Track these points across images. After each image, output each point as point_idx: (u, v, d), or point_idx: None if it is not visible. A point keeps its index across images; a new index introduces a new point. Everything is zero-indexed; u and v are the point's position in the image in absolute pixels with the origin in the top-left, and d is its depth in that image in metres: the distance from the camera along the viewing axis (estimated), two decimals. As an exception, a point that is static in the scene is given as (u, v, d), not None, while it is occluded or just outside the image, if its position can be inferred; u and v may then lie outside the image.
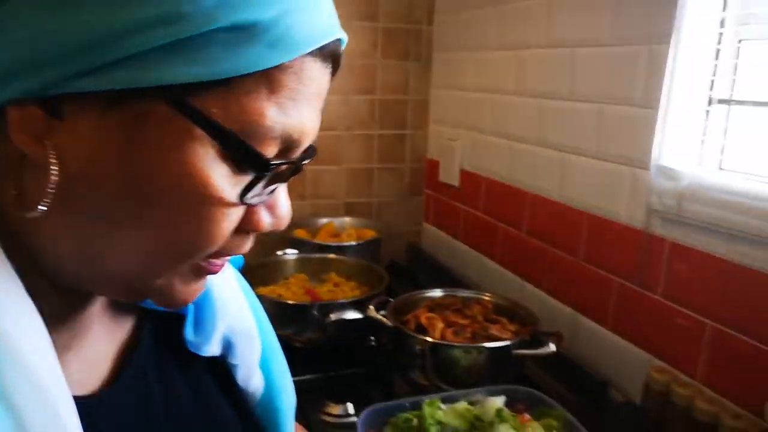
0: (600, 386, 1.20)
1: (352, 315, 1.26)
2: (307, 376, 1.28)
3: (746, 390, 0.95)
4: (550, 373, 1.30)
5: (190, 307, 0.51)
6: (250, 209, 0.41)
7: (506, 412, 0.97)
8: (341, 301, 1.34)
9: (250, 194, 0.38)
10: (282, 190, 0.43)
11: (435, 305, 1.30)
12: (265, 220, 0.42)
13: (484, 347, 1.12)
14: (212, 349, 0.53)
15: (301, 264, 1.60)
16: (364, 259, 1.62)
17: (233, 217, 0.39)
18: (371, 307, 1.26)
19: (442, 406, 0.98)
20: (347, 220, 1.95)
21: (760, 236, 0.91)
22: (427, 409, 0.94)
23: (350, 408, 1.15)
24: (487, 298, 1.33)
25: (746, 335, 0.95)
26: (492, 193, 1.67)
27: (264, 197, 0.41)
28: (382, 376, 1.28)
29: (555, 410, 0.97)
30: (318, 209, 1.97)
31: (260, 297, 1.35)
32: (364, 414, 0.94)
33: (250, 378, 0.58)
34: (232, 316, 0.54)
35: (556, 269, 1.40)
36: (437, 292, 1.36)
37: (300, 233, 1.77)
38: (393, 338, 1.23)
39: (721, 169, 1.06)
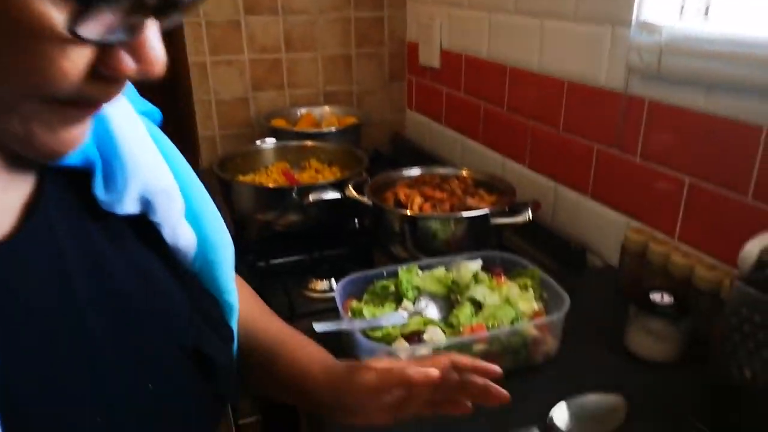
0: (579, 253, 1.21)
1: (331, 195, 1.25)
2: (292, 258, 1.30)
3: (721, 243, 0.96)
4: (530, 243, 1.32)
5: (97, 164, 0.48)
6: (107, 50, 0.36)
7: (482, 274, 0.98)
8: (320, 183, 1.33)
9: (86, 26, 0.33)
10: (151, 30, 0.38)
11: (413, 182, 1.29)
12: (126, 63, 0.37)
13: (461, 217, 1.11)
14: (127, 207, 0.50)
15: (281, 152, 1.57)
16: (344, 144, 1.59)
17: (75, 56, 0.35)
18: (350, 186, 1.25)
19: (420, 272, 0.99)
20: (327, 109, 1.90)
21: (743, 84, 0.88)
22: (403, 275, 0.95)
23: (333, 283, 1.16)
24: (465, 173, 1.32)
25: (724, 187, 0.94)
26: (473, 71, 1.61)
27: (119, 35, 0.36)
28: (365, 255, 1.30)
29: (530, 270, 0.99)
30: (296, 100, 1.91)
31: (239, 184, 1.35)
32: (342, 282, 0.95)
33: (178, 235, 0.55)
34: (147, 174, 0.51)
35: (537, 143, 1.38)
36: (415, 170, 1.34)
37: (278, 123, 1.73)
38: (372, 216, 1.23)
39: (705, 16, 1.01)
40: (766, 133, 0.86)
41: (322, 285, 1.17)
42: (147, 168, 0.51)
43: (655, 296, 0.90)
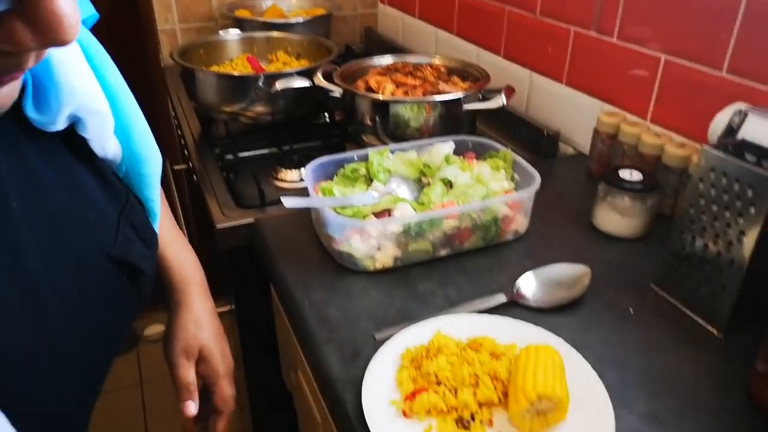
0: (552, 140, 1.20)
1: (300, 83, 1.20)
2: (262, 151, 1.27)
3: (693, 121, 0.95)
4: (504, 132, 1.30)
5: (28, 84, 0.46)
6: None
7: (454, 157, 0.97)
8: (288, 70, 1.28)
9: None
10: None
11: (385, 71, 1.24)
12: (21, 35, 0.31)
13: (434, 101, 1.09)
14: (59, 126, 0.50)
15: (246, 44, 1.49)
16: (313, 36, 1.51)
17: None
18: (319, 74, 1.20)
19: (391, 155, 0.97)
20: (294, 1, 1.80)
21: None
22: (374, 156, 0.94)
23: (304, 173, 1.14)
24: (438, 61, 1.28)
25: (699, 62, 0.92)
26: (448, -44, 1.52)
27: (2, 4, 0.30)
28: (337, 148, 1.27)
29: (502, 152, 0.98)
30: (261, -9, 1.81)
31: (202, 72, 1.29)
32: (311, 165, 0.93)
33: (106, 148, 0.56)
34: (81, 98, 0.50)
35: (512, 31, 1.33)
36: (387, 59, 1.30)
37: (242, 13, 1.63)
38: (343, 105, 1.19)
39: None
40: (745, 1, 0.84)
41: (291, 175, 1.15)
42: (81, 91, 0.50)
43: (624, 173, 0.90)
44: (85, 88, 0.51)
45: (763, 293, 0.68)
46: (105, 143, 0.56)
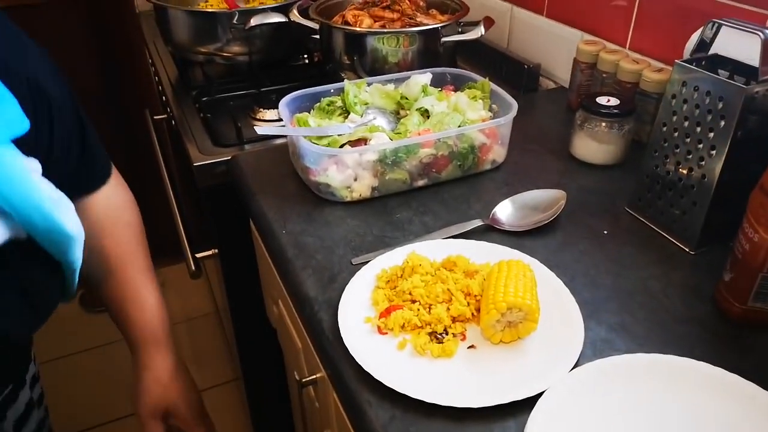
0: (533, 74, 1.19)
1: (275, 19, 1.17)
2: (239, 93, 1.25)
3: (671, 45, 0.94)
4: (484, 66, 1.28)
5: None
6: None
7: (432, 89, 0.96)
8: (262, 6, 1.25)
9: None
10: None
11: (362, 5, 1.22)
12: None
13: (412, 32, 1.07)
14: None
15: (220, -16, 1.45)
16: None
17: None
18: (294, 10, 1.18)
19: (368, 88, 0.96)
20: (271, -59, 1.74)
21: None
22: (350, 87, 0.93)
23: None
24: (418, -6, 1.25)
25: (676, -15, 0.91)
26: None
27: None
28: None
29: (480, 82, 0.97)
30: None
31: (175, 11, 1.26)
32: (286, 98, 0.92)
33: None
34: None
35: (493, -37, 1.30)
36: (365, -6, 1.27)
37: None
38: (320, 43, 1.17)
39: None
40: None
41: (270, 114, 1.14)
42: None
43: (601, 100, 0.89)
44: None
45: (733, 210, 0.69)
46: None
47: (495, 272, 0.63)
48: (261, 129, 0.82)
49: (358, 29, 1.10)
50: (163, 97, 1.38)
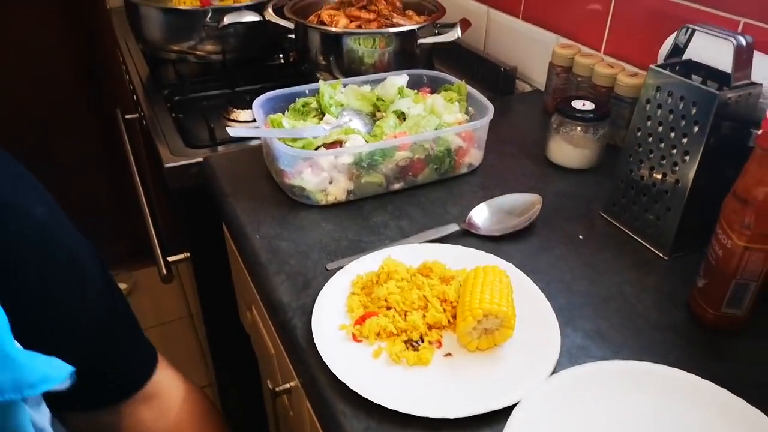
0: (508, 77, 1.19)
1: (249, 18, 1.15)
2: (212, 93, 1.22)
3: (645, 49, 0.95)
4: (461, 69, 1.28)
5: None
6: None
7: (408, 91, 0.95)
8: (236, 4, 1.22)
9: None
10: None
11: (338, 5, 1.20)
12: None
13: (388, 32, 1.06)
14: None
15: (193, -19, 1.42)
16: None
17: None
18: (269, 9, 1.16)
19: (343, 89, 0.95)
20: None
21: None
22: (325, 88, 0.91)
23: (255, 113, 1.11)
24: (394, -5, 1.24)
25: (650, -10, 0.92)
26: None
27: None
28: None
29: (456, 84, 0.96)
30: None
31: (146, 8, 1.23)
32: (260, 99, 0.90)
33: None
34: None
35: (470, -35, 1.30)
36: (342, -7, 1.25)
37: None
38: (295, 43, 1.16)
39: None
40: (697, -76, 0.83)
41: (244, 115, 1.12)
42: None
43: (577, 104, 0.90)
44: None
45: (706, 213, 0.69)
46: None
47: (471, 278, 0.62)
48: (234, 131, 0.80)
49: (333, 29, 1.08)
50: (135, 96, 1.34)
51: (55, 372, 0.44)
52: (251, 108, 1.11)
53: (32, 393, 0.43)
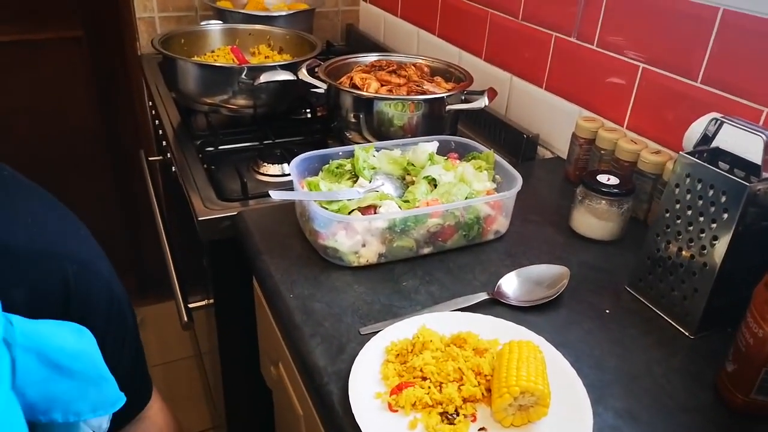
0: (531, 143, 1.23)
1: (284, 77, 1.20)
2: (243, 144, 1.26)
3: (668, 129, 0.99)
4: (484, 134, 1.32)
5: None
6: None
7: (438, 157, 0.98)
8: (272, 63, 1.27)
9: None
10: None
11: (369, 68, 1.25)
12: None
13: (418, 99, 1.10)
14: None
15: (228, 35, 1.48)
16: (296, 31, 1.51)
17: None
18: (303, 69, 1.20)
19: (375, 153, 0.98)
20: (277, -6, 1.79)
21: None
22: (360, 153, 0.94)
23: (286, 168, 1.15)
24: (422, 60, 1.29)
25: (675, 72, 0.96)
26: (432, -43, 1.54)
27: None
28: (319, 143, 1.27)
29: (485, 153, 1.00)
30: (243, -17, 1.79)
31: (184, 62, 1.27)
32: (296, 160, 0.94)
33: None
34: None
35: (495, 34, 1.36)
36: (371, 57, 1.30)
37: (223, 4, 1.62)
38: (326, 101, 1.20)
39: None
40: (721, 12, 0.87)
41: (273, 169, 1.15)
42: None
43: (602, 178, 0.93)
44: None
45: (733, 296, 0.71)
46: None
47: (506, 353, 0.64)
48: (275, 194, 0.82)
49: (366, 93, 1.12)
50: (163, 142, 1.38)
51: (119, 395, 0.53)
52: (280, 163, 1.16)
53: (113, 410, 0.53)
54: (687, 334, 0.75)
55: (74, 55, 1.93)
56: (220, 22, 1.51)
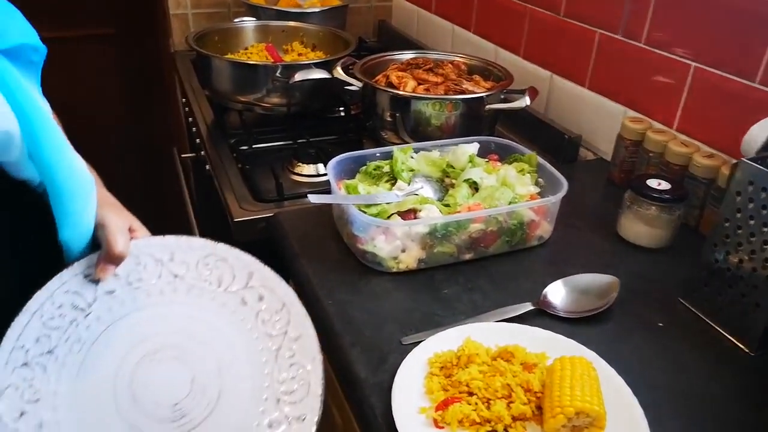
0: (572, 144, 1.19)
1: (319, 75, 1.18)
2: (276, 144, 1.25)
3: (722, 132, 0.94)
4: (522, 134, 1.29)
5: None
6: None
7: (478, 159, 0.95)
8: (307, 61, 1.25)
9: None
10: None
11: (405, 66, 1.22)
12: None
13: (457, 99, 1.07)
14: None
15: (261, 32, 1.47)
16: (329, 27, 1.49)
17: None
18: (338, 67, 1.18)
19: (414, 154, 0.95)
20: (309, -10, 1.77)
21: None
22: (398, 155, 0.92)
23: (321, 168, 1.13)
24: (460, 58, 1.26)
25: (730, 72, 0.91)
26: (469, -49, 1.50)
27: None
28: (353, 143, 1.25)
29: (527, 155, 0.96)
30: (276, -21, 1.77)
31: (219, 60, 1.26)
32: (333, 161, 0.91)
33: (19, 170, 0.61)
34: None
35: (534, 30, 1.32)
36: (408, 54, 1.28)
37: (257, 0, 1.61)
38: (362, 100, 1.17)
39: None
40: (785, 13, 0.82)
41: (308, 169, 1.13)
42: None
43: (652, 182, 0.89)
44: None
45: (796, 311, 0.67)
46: (18, 165, 0.60)
47: (558, 369, 0.61)
48: (314, 198, 0.80)
49: (403, 93, 1.10)
50: (197, 140, 1.37)
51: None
52: (315, 163, 1.14)
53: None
54: (747, 350, 0.71)
55: (105, 52, 1.94)
56: (254, 18, 1.49)
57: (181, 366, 0.64)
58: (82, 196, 0.61)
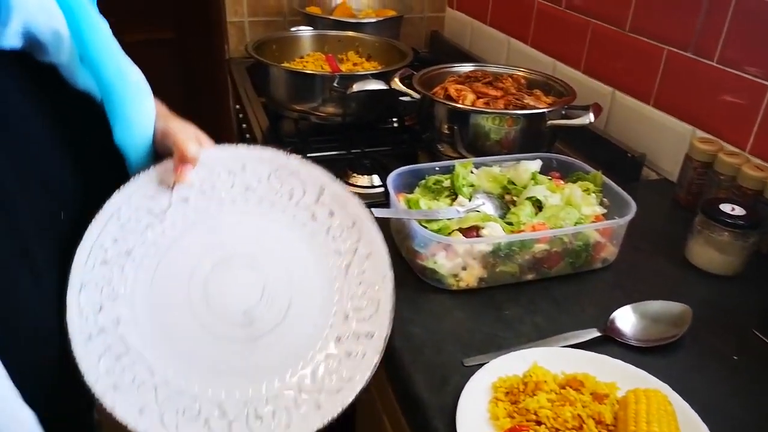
0: (635, 163, 1.15)
1: (376, 86, 1.17)
2: (331, 153, 1.25)
3: (799, 156, 0.90)
4: (584, 151, 1.25)
5: None
6: None
7: (541, 177, 0.93)
8: (365, 72, 1.25)
9: None
10: None
11: (464, 79, 1.21)
12: None
13: (518, 114, 1.05)
14: (10, 40, 0.51)
15: (318, 41, 1.48)
16: (385, 38, 1.49)
17: None
18: (396, 78, 1.18)
19: (474, 170, 0.94)
20: (363, 0, 1.78)
21: None
22: (459, 169, 0.90)
23: (376, 179, 1.12)
24: (520, 72, 1.24)
25: (813, 95, 0.87)
26: (529, -37, 1.48)
27: None
28: (408, 155, 1.24)
29: (592, 174, 0.94)
30: (331, -11, 1.79)
31: (277, 69, 1.27)
32: (393, 174, 0.90)
33: (74, 75, 0.60)
34: (32, 11, 0.52)
35: (596, 45, 1.29)
36: (466, 67, 1.26)
37: (313, 9, 1.62)
38: (419, 111, 1.16)
39: None
40: None
41: (362, 180, 1.13)
42: (32, 5, 0.52)
43: (725, 207, 0.85)
44: (36, 3, 0.52)
45: None
46: (70, 68, 0.59)
47: (632, 402, 0.58)
48: (377, 212, 0.79)
49: (462, 106, 1.08)
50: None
51: None
52: (370, 174, 1.13)
53: None
54: (832, 391, 0.67)
55: (164, 56, 1.98)
56: (310, 28, 1.50)
57: (253, 273, 0.64)
58: (135, 100, 0.62)
